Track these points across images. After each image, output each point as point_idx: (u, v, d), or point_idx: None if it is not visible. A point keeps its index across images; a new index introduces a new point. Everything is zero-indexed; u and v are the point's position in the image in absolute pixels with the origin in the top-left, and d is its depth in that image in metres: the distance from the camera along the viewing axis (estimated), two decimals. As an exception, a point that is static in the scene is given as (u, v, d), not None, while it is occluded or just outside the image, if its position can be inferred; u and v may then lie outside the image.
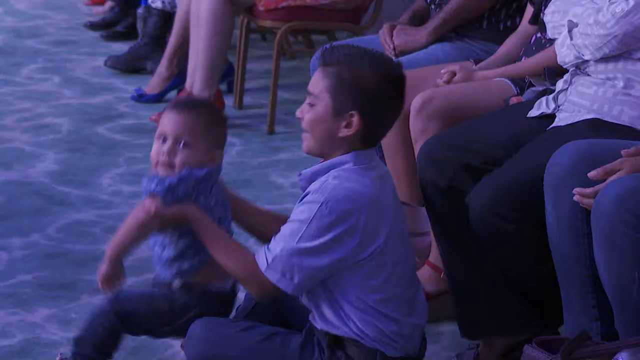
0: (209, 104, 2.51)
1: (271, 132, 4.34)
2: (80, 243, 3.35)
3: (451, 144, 2.69)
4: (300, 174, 2.36)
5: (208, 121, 2.42)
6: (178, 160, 2.38)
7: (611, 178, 2.21)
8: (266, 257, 2.29)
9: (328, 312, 2.32)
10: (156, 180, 2.37)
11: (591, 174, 2.23)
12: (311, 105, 2.31)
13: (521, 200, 2.46)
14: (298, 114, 2.35)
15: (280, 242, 2.28)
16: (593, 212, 2.21)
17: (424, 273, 2.92)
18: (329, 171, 2.30)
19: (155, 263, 2.46)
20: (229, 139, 4.23)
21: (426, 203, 2.74)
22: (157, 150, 2.41)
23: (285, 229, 2.30)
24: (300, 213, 2.27)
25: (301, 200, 2.30)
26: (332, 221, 2.24)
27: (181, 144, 2.38)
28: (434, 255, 2.91)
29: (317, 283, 2.31)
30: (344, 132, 2.29)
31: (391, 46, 3.37)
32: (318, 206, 2.24)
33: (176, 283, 2.43)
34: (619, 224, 2.15)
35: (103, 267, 2.41)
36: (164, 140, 2.40)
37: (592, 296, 2.33)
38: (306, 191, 2.30)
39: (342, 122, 2.28)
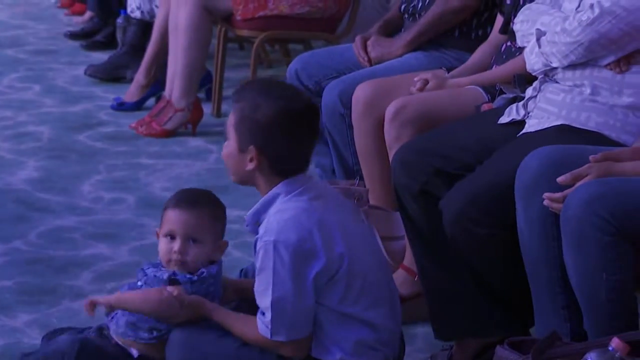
0: (210, 197, 2.52)
1: (249, 139, 4.34)
2: (60, 249, 3.34)
3: (424, 150, 2.70)
4: (246, 220, 2.39)
5: (213, 216, 2.46)
6: (190, 257, 2.41)
7: (579, 183, 2.22)
8: (265, 325, 2.30)
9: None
10: (177, 274, 2.40)
11: (560, 179, 2.24)
12: (226, 141, 2.37)
13: (493, 204, 2.47)
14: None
15: (266, 303, 2.28)
16: (562, 216, 2.22)
17: (398, 276, 2.93)
18: (267, 208, 2.33)
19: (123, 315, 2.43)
20: (207, 146, 4.31)
21: (400, 208, 2.75)
22: (167, 249, 2.42)
23: (259, 288, 2.30)
24: (262, 264, 2.29)
25: (255, 248, 2.32)
26: (291, 254, 2.26)
27: (191, 242, 2.41)
28: (408, 259, 2.91)
29: None
30: (249, 166, 2.32)
31: (365, 58, 3.38)
32: (272, 248, 2.26)
33: (135, 352, 2.43)
34: (587, 227, 2.16)
35: (101, 300, 2.41)
36: (172, 238, 2.42)
37: (562, 298, 2.34)
38: (255, 238, 2.32)
39: (247, 157, 2.32)
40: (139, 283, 2.46)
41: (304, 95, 2.40)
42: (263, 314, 2.31)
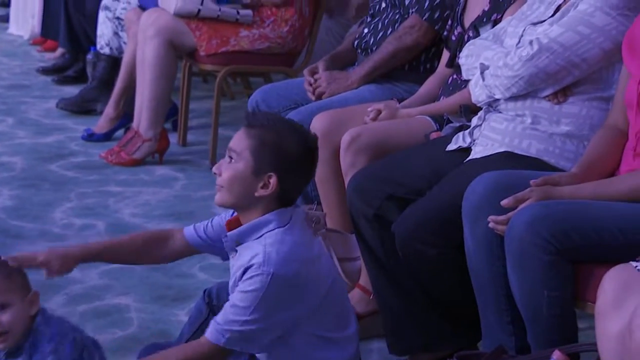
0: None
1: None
2: (33, 273, 3.26)
3: (378, 176, 2.71)
4: (226, 236, 2.28)
5: (5, 275, 2.24)
6: (6, 324, 2.19)
7: (522, 206, 2.24)
8: (220, 333, 2.20)
9: None
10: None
11: (503, 202, 2.26)
12: (231, 161, 2.24)
13: (442, 227, 2.48)
14: (215, 170, 2.26)
15: (237, 316, 2.19)
16: (506, 237, 2.24)
17: (354, 295, 2.93)
18: (253, 233, 2.24)
19: None
20: (174, 173, 4.29)
21: (356, 231, 2.75)
22: None
23: (238, 300, 2.20)
24: (252, 287, 2.18)
25: (243, 273, 2.20)
26: (284, 288, 2.18)
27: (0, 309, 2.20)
28: (364, 279, 2.91)
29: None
30: (260, 192, 2.22)
31: (311, 90, 3.39)
32: (269, 278, 2.17)
33: None
34: (529, 247, 2.18)
35: None
36: None
37: (507, 313, 2.35)
38: (249, 263, 2.20)
39: (260, 182, 2.22)
40: None
41: (312, 133, 2.33)
42: (220, 322, 2.21)
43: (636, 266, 1.99)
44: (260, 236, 2.24)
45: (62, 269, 2.36)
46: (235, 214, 2.34)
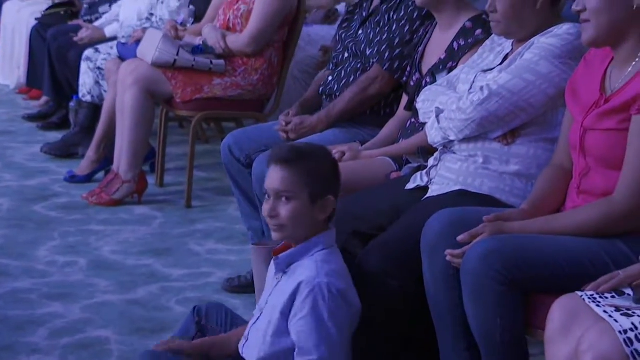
0: None
1: (189, 206, 4.32)
2: (18, 309, 3.26)
3: (342, 213, 2.70)
4: (278, 258, 2.32)
5: None
6: None
7: (476, 240, 2.25)
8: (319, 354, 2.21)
9: None
10: None
11: (459, 238, 2.27)
12: (288, 200, 2.27)
13: (403, 260, 2.48)
14: (271, 213, 2.27)
15: (317, 338, 2.21)
16: (462, 270, 2.24)
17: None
18: (305, 254, 2.30)
19: None
20: (152, 212, 4.27)
21: (322, 265, 2.74)
22: None
23: (307, 326, 2.22)
24: (313, 302, 2.22)
25: (297, 287, 2.24)
26: (341, 296, 2.24)
27: None
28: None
29: None
30: (322, 216, 2.31)
31: (285, 136, 3.41)
32: (326, 288, 2.23)
33: None
34: (483, 279, 2.19)
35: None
36: None
37: (464, 340, 2.35)
38: (302, 278, 2.25)
39: (318, 208, 2.30)
40: None
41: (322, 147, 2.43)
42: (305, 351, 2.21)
43: (582, 296, 2.00)
44: (311, 256, 2.30)
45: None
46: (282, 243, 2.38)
